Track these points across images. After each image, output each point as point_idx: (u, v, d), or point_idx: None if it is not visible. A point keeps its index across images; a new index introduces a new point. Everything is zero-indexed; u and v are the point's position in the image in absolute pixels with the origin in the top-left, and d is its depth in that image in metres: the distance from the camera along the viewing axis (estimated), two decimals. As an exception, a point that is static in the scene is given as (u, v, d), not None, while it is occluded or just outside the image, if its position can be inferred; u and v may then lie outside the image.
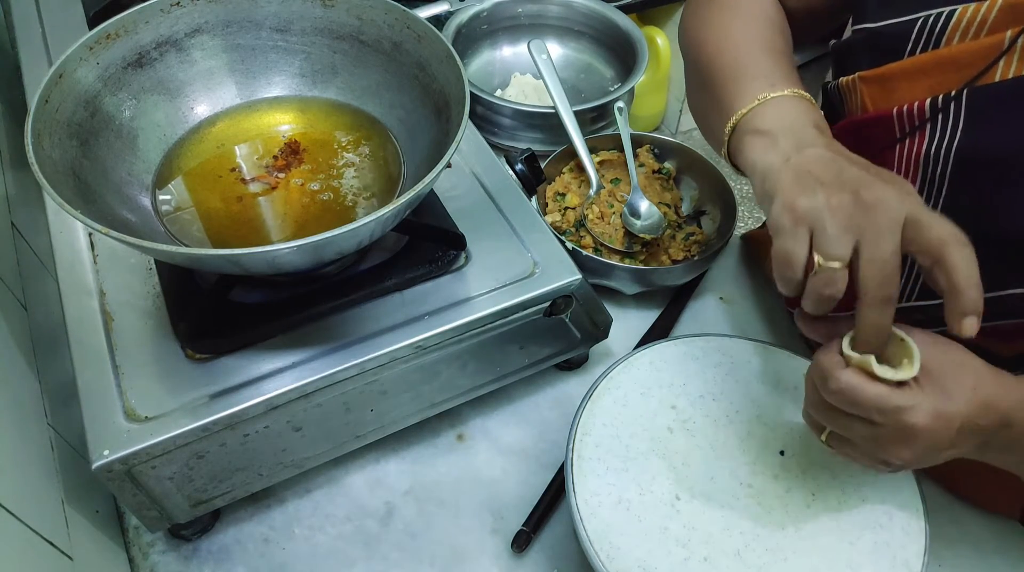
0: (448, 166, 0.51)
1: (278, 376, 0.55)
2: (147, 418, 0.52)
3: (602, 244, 0.78)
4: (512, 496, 0.65)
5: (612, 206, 0.80)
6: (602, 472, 0.56)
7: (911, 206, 0.44)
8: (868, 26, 0.57)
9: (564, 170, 0.84)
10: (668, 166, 0.85)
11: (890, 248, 0.43)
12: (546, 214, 0.80)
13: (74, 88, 0.56)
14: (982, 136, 0.51)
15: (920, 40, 0.53)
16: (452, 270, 0.62)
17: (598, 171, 0.82)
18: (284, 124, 0.65)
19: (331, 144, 0.64)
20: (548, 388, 0.72)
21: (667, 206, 0.81)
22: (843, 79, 0.60)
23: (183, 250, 0.46)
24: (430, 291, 0.61)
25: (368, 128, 0.65)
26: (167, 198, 0.59)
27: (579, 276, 0.62)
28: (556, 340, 0.67)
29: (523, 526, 0.62)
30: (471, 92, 0.61)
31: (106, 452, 0.50)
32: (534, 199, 0.77)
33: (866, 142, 0.56)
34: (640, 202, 0.79)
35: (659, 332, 0.76)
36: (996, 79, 0.50)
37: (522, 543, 0.61)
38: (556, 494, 0.64)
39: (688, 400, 0.60)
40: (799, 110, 0.53)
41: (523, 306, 0.61)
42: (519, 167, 0.74)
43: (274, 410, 0.55)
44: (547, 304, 0.62)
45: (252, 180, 0.61)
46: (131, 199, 0.58)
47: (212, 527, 0.62)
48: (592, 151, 0.83)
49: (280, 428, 0.56)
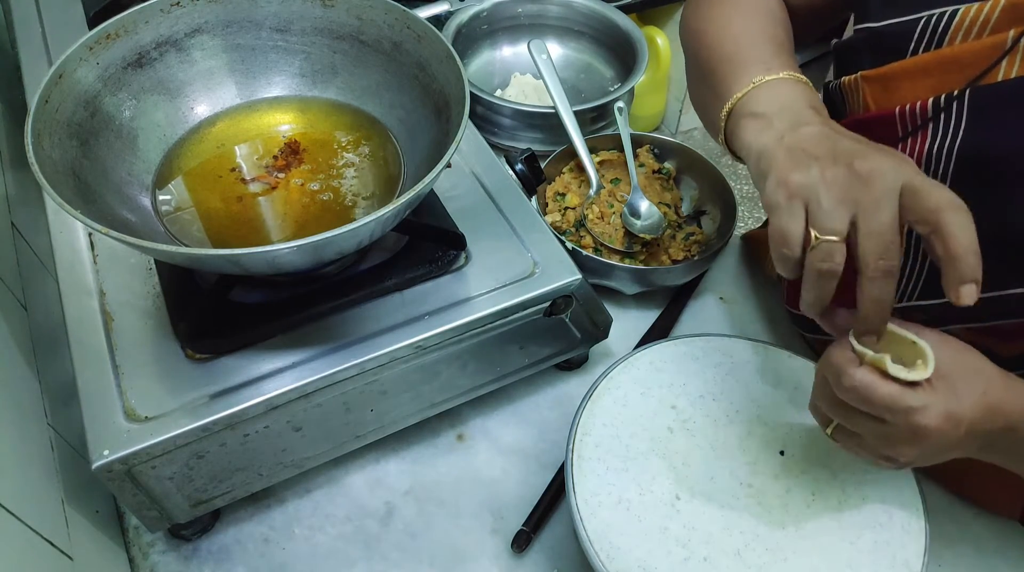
0: (448, 166, 0.50)
1: (278, 376, 0.55)
2: (147, 418, 0.52)
3: (602, 244, 0.78)
4: (512, 496, 0.65)
5: (612, 206, 0.80)
6: (602, 472, 0.56)
7: (907, 174, 0.43)
8: (870, 25, 0.57)
9: (564, 170, 0.84)
10: (668, 166, 0.85)
11: (888, 218, 0.42)
12: (546, 214, 0.81)
13: (74, 88, 0.56)
14: (984, 136, 0.51)
15: (923, 40, 0.53)
16: (452, 270, 0.62)
17: (598, 171, 0.82)
18: (284, 124, 0.65)
19: (331, 144, 0.64)
20: (548, 388, 0.72)
21: (667, 206, 0.81)
22: (845, 78, 0.60)
23: (183, 250, 0.46)
24: (430, 291, 0.61)
25: (368, 128, 0.65)
26: (167, 198, 0.59)
27: (579, 276, 0.62)
28: (556, 340, 0.67)
29: (523, 526, 0.62)
30: (471, 92, 0.62)
31: (106, 452, 0.50)
32: (534, 199, 0.77)
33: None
34: (640, 202, 0.79)
35: (659, 332, 0.76)
36: (999, 79, 0.50)
37: (522, 543, 0.61)
38: (556, 494, 0.64)
39: (688, 400, 0.60)
40: (795, 92, 0.53)
41: (523, 306, 0.61)
42: (519, 167, 0.74)
43: (274, 410, 0.55)
44: (547, 304, 0.62)
45: (252, 180, 0.61)
46: (131, 199, 0.58)
47: (212, 527, 0.62)
48: (592, 151, 0.83)
49: (280, 428, 0.56)
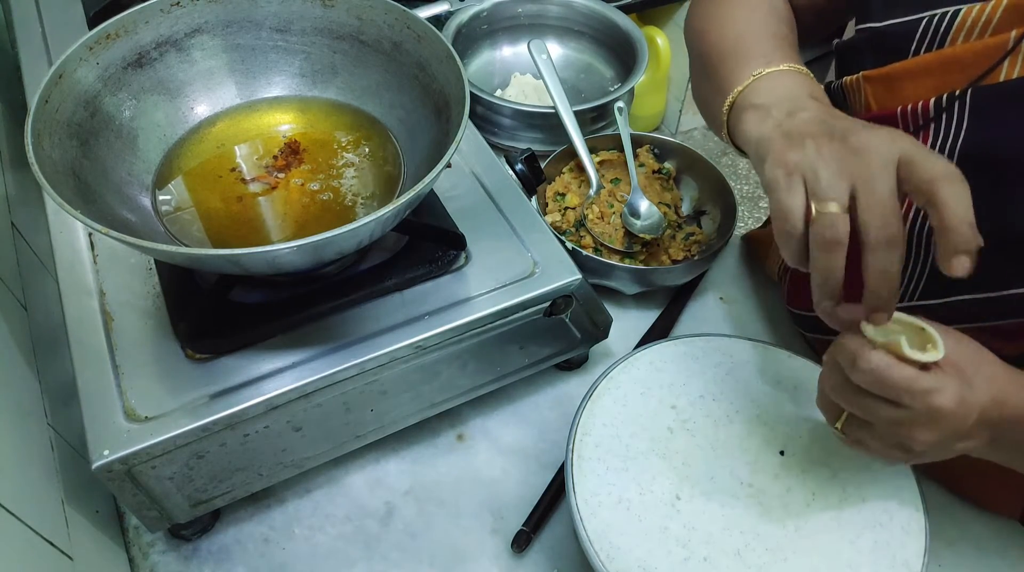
0: (448, 166, 0.50)
1: (278, 376, 0.55)
2: (147, 418, 0.52)
3: (602, 244, 0.78)
4: (512, 496, 0.65)
5: (612, 206, 0.80)
6: (602, 472, 0.56)
7: (903, 146, 0.43)
8: (872, 25, 0.57)
9: (564, 170, 0.84)
10: (668, 166, 0.85)
11: (886, 187, 0.42)
12: (546, 214, 0.81)
13: (74, 88, 0.56)
14: (986, 136, 0.51)
15: (925, 40, 0.53)
16: (452, 270, 0.62)
17: (598, 171, 0.82)
18: (284, 124, 0.65)
19: (331, 144, 0.64)
20: (548, 388, 0.72)
21: (667, 206, 0.81)
22: (847, 78, 0.60)
23: (183, 250, 0.46)
24: (430, 291, 0.61)
25: (368, 128, 0.65)
26: (167, 198, 0.59)
27: (579, 276, 0.62)
28: (556, 340, 0.67)
29: (523, 526, 0.62)
30: (471, 92, 0.62)
31: (106, 452, 0.50)
32: (534, 199, 0.77)
33: None
34: (640, 202, 0.79)
35: (659, 332, 0.76)
36: (1000, 79, 0.50)
37: (522, 543, 0.61)
38: (556, 494, 0.64)
39: (688, 400, 0.60)
40: (795, 82, 0.53)
41: (523, 306, 0.61)
42: (519, 167, 0.74)
43: (274, 410, 0.55)
44: (547, 304, 0.62)
45: (252, 180, 0.61)
46: (131, 199, 0.58)
47: (212, 527, 0.62)
48: (592, 151, 0.83)
49: (280, 428, 0.56)
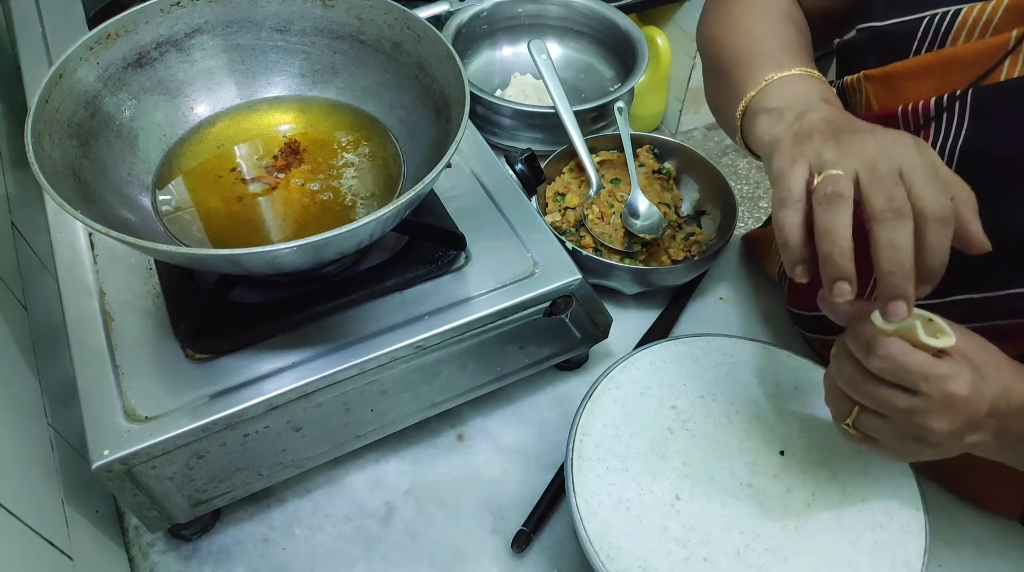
0: (448, 166, 0.50)
1: (278, 376, 0.55)
2: (147, 418, 0.52)
3: (602, 244, 0.78)
4: (512, 496, 0.65)
5: (612, 206, 0.80)
6: (602, 472, 0.56)
7: (906, 154, 0.43)
8: (874, 25, 0.57)
9: (564, 170, 0.84)
10: (668, 166, 0.85)
11: (891, 167, 0.42)
12: (546, 214, 0.81)
13: (74, 88, 0.56)
14: (986, 135, 0.51)
15: (926, 39, 0.54)
16: (452, 270, 0.62)
17: (598, 171, 0.82)
18: (284, 124, 0.65)
19: (331, 144, 0.64)
20: (548, 388, 0.72)
21: (667, 206, 0.81)
22: (848, 78, 0.60)
23: (183, 250, 0.46)
24: (430, 291, 0.61)
25: (368, 128, 0.65)
26: (167, 198, 0.59)
27: (579, 276, 0.62)
28: (556, 340, 0.67)
29: (523, 526, 0.62)
30: (471, 92, 0.62)
31: (106, 452, 0.50)
32: (534, 199, 0.77)
33: None
34: (640, 202, 0.79)
35: (659, 332, 0.76)
36: (1001, 78, 0.50)
37: (522, 543, 0.61)
38: (556, 494, 0.64)
39: (688, 400, 0.60)
40: (806, 86, 0.54)
41: (523, 306, 0.61)
42: (519, 167, 0.74)
43: (274, 410, 0.55)
44: (547, 304, 0.62)
45: (252, 180, 0.61)
46: (131, 199, 0.58)
47: (212, 527, 0.62)
48: (592, 151, 0.83)
49: (280, 428, 0.56)
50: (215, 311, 0.57)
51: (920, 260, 0.42)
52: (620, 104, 0.87)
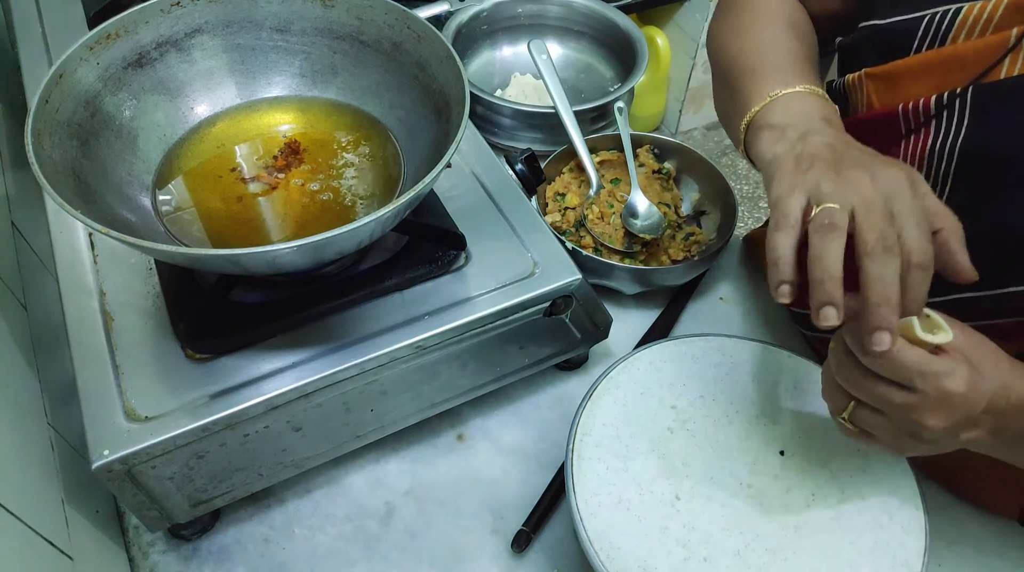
0: (448, 166, 0.51)
1: (278, 376, 0.55)
2: (147, 418, 0.52)
3: (602, 244, 0.78)
4: (512, 496, 0.65)
5: (612, 206, 0.80)
6: (602, 472, 0.56)
7: (899, 193, 0.44)
8: (875, 23, 0.57)
9: (564, 170, 0.84)
10: (668, 166, 0.85)
11: (883, 207, 0.43)
12: (546, 214, 0.81)
13: (74, 88, 0.56)
14: (986, 133, 0.51)
15: (927, 37, 0.54)
16: (452, 270, 0.62)
17: (598, 171, 0.82)
18: (284, 124, 0.65)
19: (331, 144, 0.64)
20: (548, 388, 0.72)
21: (667, 206, 0.81)
22: (849, 76, 0.60)
23: (183, 250, 0.46)
24: (430, 291, 0.61)
25: (368, 128, 0.65)
26: (167, 198, 0.59)
27: (579, 276, 0.62)
28: (556, 340, 0.67)
29: (523, 526, 0.62)
30: (471, 92, 0.62)
31: (106, 452, 0.50)
32: (534, 199, 0.77)
33: (872, 138, 0.57)
34: (640, 202, 0.79)
35: (659, 332, 0.76)
36: (1001, 76, 0.50)
37: (522, 543, 0.61)
38: (556, 494, 0.64)
39: (688, 400, 0.60)
40: (810, 105, 0.54)
41: (523, 306, 0.61)
42: (519, 167, 0.74)
43: (274, 410, 0.55)
44: (547, 304, 0.62)
45: (252, 180, 0.61)
46: (131, 199, 0.58)
47: (212, 527, 0.62)
48: (592, 151, 0.83)
49: (280, 428, 0.56)
50: (215, 311, 0.57)
51: (900, 299, 0.44)
52: (620, 104, 0.87)
